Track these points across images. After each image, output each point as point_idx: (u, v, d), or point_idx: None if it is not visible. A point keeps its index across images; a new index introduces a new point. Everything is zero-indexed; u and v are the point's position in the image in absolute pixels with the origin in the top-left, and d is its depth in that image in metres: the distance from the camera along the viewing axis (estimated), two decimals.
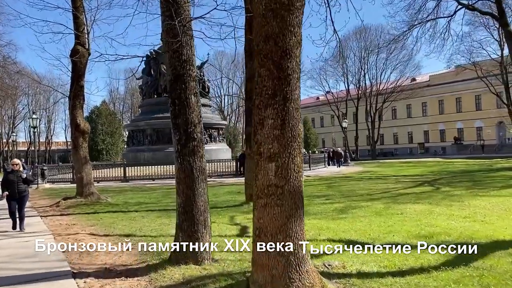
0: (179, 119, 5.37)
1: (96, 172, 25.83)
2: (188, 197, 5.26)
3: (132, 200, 14.27)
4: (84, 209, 11.95)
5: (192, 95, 5.45)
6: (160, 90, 35.33)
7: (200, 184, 5.35)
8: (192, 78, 5.52)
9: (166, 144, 33.46)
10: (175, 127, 5.39)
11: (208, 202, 5.48)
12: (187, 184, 5.28)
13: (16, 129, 75.42)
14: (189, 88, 5.44)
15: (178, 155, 5.35)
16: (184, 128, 5.35)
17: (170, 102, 5.44)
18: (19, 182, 9.02)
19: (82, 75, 13.80)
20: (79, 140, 13.38)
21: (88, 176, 13.49)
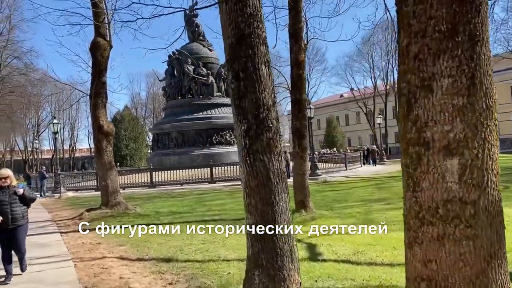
0: (246, 100, 3.65)
1: (121, 178, 24.45)
2: (265, 216, 3.53)
3: (163, 209, 12.67)
4: (111, 222, 10.39)
5: (262, 64, 3.73)
6: (184, 91, 33.95)
7: (281, 196, 3.62)
8: (261, 40, 3.80)
9: (192, 147, 32.08)
10: (240, 112, 3.68)
11: (290, 220, 3.72)
12: (261, 196, 3.55)
13: (40, 137, 75.68)
14: (258, 55, 3.72)
15: (245, 153, 3.63)
16: (254, 113, 3.63)
17: (232, 77, 3.73)
18: (13, 203, 5.79)
19: (103, 70, 12.30)
20: (103, 143, 11.85)
21: (114, 184, 11.95)
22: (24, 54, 49.79)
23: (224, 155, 30.87)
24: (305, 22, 10.61)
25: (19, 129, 65.14)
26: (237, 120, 3.71)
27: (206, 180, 24.44)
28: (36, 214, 13.85)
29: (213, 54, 35.79)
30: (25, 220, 6.12)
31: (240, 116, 3.69)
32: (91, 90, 12.22)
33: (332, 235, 7.62)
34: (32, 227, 10.28)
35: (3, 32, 50.94)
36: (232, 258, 6.01)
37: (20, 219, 5.93)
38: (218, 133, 32.28)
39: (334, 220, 9.42)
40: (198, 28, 35.68)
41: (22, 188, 6.00)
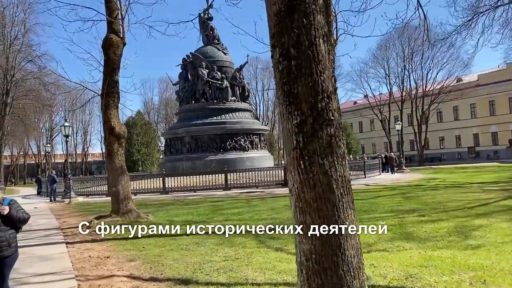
0: (299, 85, 2.76)
1: (132, 183, 23.73)
2: (326, 243, 2.60)
3: (178, 217, 11.80)
4: (121, 231, 9.55)
5: (320, 38, 2.84)
6: (198, 95, 33.26)
7: (347, 214, 2.69)
8: (318, 7, 2.92)
9: (205, 152, 31.32)
10: (290, 101, 2.78)
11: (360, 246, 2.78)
12: (322, 213, 2.64)
13: (54, 141, 75.85)
14: (315, 26, 2.83)
15: (298, 155, 2.73)
16: (310, 102, 2.73)
17: (280, 55, 2.84)
18: None
19: (116, 68, 11.55)
20: (114, 146, 11.06)
21: (125, 190, 11.13)
22: (38, 58, 49.84)
23: (238, 161, 30.04)
24: (335, 16, 9.71)
25: (33, 133, 65.14)
26: (286, 111, 2.82)
27: (220, 186, 23.57)
28: (43, 220, 13.12)
29: (228, 58, 35.10)
30: (13, 249, 4.35)
31: (290, 106, 2.79)
32: (103, 90, 11.47)
33: (372, 253, 6.65)
34: (37, 236, 9.50)
35: (17, 36, 51.14)
36: (262, 282, 5.09)
37: (4, 248, 4.23)
38: (232, 138, 31.49)
39: (368, 234, 8.43)
40: (212, 32, 35.07)
41: (9, 204, 4.31)
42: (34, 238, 9.19)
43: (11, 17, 50.34)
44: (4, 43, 50.45)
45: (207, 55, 33.71)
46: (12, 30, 50.69)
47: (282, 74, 2.87)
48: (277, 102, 48.37)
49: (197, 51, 34.17)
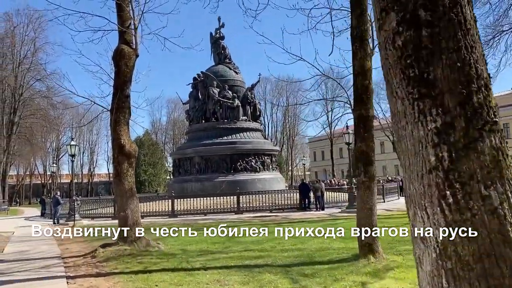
0: (437, 67, 1.71)
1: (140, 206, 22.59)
2: None
3: (191, 246, 10.63)
4: (129, 263, 8.41)
5: None
6: (209, 114, 32.39)
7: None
8: None
9: (215, 173, 30.22)
10: (422, 92, 1.72)
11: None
12: (492, 280, 1.54)
13: (60, 161, 75.20)
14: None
15: (440, 180, 1.64)
16: (459, 94, 1.68)
17: (400, 22, 1.79)
18: None
19: (127, 81, 10.62)
20: (123, 166, 10.02)
21: (135, 215, 10.04)
22: (47, 77, 49.59)
23: (249, 183, 28.88)
24: (370, 24, 8.77)
25: (39, 152, 64.49)
26: (414, 109, 1.75)
27: (232, 210, 22.37)
28: (44, 247, 12.01)
29: (239, 77, 34.38)
30: None
31: (422, 101, 1.72)
32: (113, 104, 10.51)
33: None
34: (35, 267, 8.38)
35: (27, 55, 51.04)
36: None
37: None
38: (243, 159, 30.41)
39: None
40: (224, 51, 34.47)
41: None
42: (31, 270, 8.07)
43: (21, 36, 50.39)
44: (14, 62, 50.35)
45: (218, 74, 33.00)
46: (22, 49, 50.67)
47: (404, 50, 1.80)
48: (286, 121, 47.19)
49: (208, 70, 33.50)
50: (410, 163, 1.82)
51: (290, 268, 7.69)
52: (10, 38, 49.51)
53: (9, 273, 7.93)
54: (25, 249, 11.66)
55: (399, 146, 1.92)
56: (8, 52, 50.24)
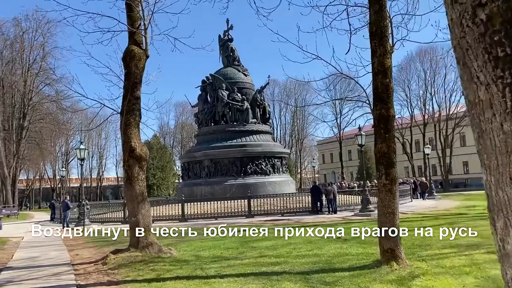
0: None
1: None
2: None
3: (204, 252, 10.32)
4: (141, 270, 8.11)
5: None
6: (218, 117, 32.12)
7: None
8: None
9: (225, 176, 29.92)
10: None
11: None
12: None
13: (69, 165, 75.44)
14: None
15: None
16: None
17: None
18: None
19: (138, 83, 10.36)
20: (134, 169, 9.74)
21: (146, 220, 9.75)
22: (56, 81, 49.78)
23: (259, 186, 28.54)
24: (390, 19, 8.42)
25: (48, 157, 64.68)
26: (506, 96, 1.42)
27: (243, 214, 22.04)
28: (53, 253, 11.77)
29: (248, 79, 34.11)
30: None
31: None
32: (123, 107, 10.26)
33: None
34: (44, 275, 8.11)
35: (36, 60, 51.25)
36: None
37: None
38: (253, 162, 30.09)
39: (444, 279, 6.85)
40: (233, 53, 34.24)
41: None
42: (40, 278, 7.81)
43: (30, 41, 50.61)
44: (23, 67, 50.58)
45: (227, 76, 32.76)
46: (31, 53, 50.88)
47: (489, 25, 1.47)
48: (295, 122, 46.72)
49: (217, 72, 33.28)
50: (498, 164, 1.49)
51: (310, 275, 7.34)
52: (20, 43, 49.78)
53: (18, 281, 7.67)
54: (35, 255, 11.42)
55: (480, 144, 1.59)
56: (17, 57, 50.52)
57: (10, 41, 49.49)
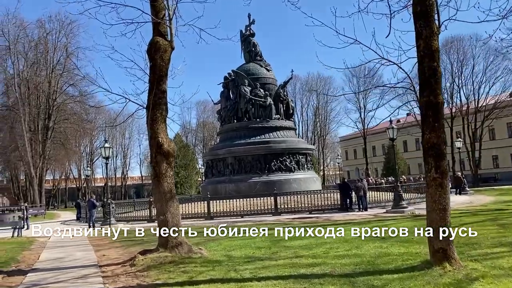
0: None
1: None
2: None
3: (236, 251, 9.81)
4: (172, 272, 7.65)
5: None
6: (240, 114, 31.62)
7: None
8: None
9: (249, 173, 29.40)
10: None
11: None
12: None
13: (94, 165, 76.44)
14: None
15: None
16: None
17: None
18: None
19: (163, 76, 9.92)
20: (162, 166, 9.30)
21: (175, 219, 9.30)
22: (79, 81, 50.22)
23: (284, 183, 27.92)
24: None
25: (73, 157, 65.57)
26: None
27: (269, 211, 21.50)
28: (80, 253, 11.48)
29: (271, 74, 33.48)
30: None
31: None
32: (149, 101, 9.83)
33: None
34: (71, 277, 7.74)
35: (60, 60, 51.86)
36: None
37: None
38: (277, 158, 29.49)
39: (509, 282, 6.13)
40: (255, 48, 33.65)
41: None
42: (67, 281, 7.43)
43: (54, 42, 51.23)
44: (47, 68, 51.27)
45: (250, 72, 32.22)
46: (55, 55, 51.54)
47: None
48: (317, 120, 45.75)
49: (239, 68, 32.78)
50: None
51: (354, 278, 6.74)
52: (43, 44, 50.45)
53: (44, 284, 7.32)
54: (61, 255, 11.15)
55: None
56: (41, 58, 51.25)
57: (34, 42, 50.21)
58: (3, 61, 48.67)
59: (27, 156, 46.98)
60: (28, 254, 11.89)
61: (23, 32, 48.69)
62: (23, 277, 8.23)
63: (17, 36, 47.97)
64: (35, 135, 49.90)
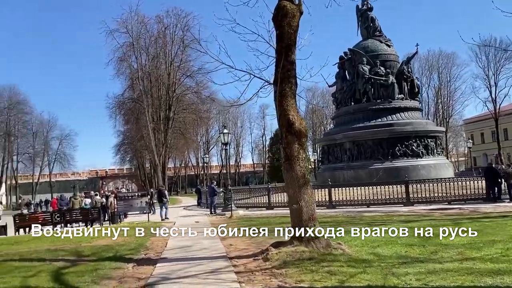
0: None
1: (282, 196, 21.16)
2: None
3: (382, 249, 8.21)
4: (315, 272, 6.38)
5: None
6: (358, 95, 29.42)
7: None
8: None
9: (370, 159, 27.23)
10: None
11: None
12: None
13: (210, 154, 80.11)
14: None
15: None
16: None
17: None
18: None
19: (292, 45, 8.65)
20: (294, 147, 8.10)
21: (310, 208, 8.05)
22: (195, 73, 52.23)
23: (410, 170, 25.14)
24: None
25: (192, 145, 69.16)
26: None
27: (398, 201, 19.25)
28: (206, 241, 10.91)
29: (392, 50, 30.55)
30: None
31: None
32: (276, 75, 8.66)
33: None
34: (201, 271, 6.93)
35: (177, 53, 54.46)
36: None
37: None
38: (402, 142, 26.78)
39: None
40: (373, 23, 30.98)
41: None
42: (198, 276, 6.63)
43: (171, 36, 53.88)
44: (166, 61, 54.21)
45: (368, 49, 29.75)
46: (172, 48, 54.24)
47: None
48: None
49: (356, 46, 30.49)
50: None
51: None
52: (162, 38, 53.35)
53: (174, 278, 6.62)
54: (187, 243, 10.69)
55: None
56: (161, 52, 54.31)
57: (154, 37, 53.37)
58: (128, 57, 52.65)
59: (151, 145, 50.39)
60: (156, 241, 11.72)
61: (144, 28, 52.06)
62: (152, 267, 7.71)
63: (139, 32, 51.46)
64: (158, 125, 53.33)
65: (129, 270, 7.71)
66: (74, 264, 8.43)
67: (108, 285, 6.55)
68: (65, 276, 7.25)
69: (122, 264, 8.23)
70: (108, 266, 7.98)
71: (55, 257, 9.37)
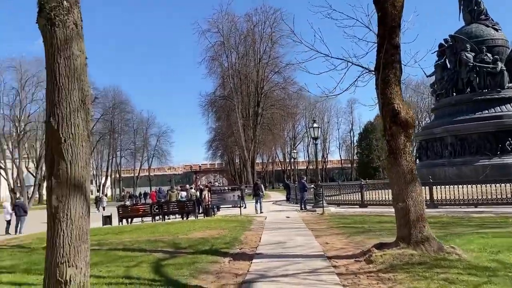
0: None
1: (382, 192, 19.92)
2: None
3: (504, 255, 7.14)
4: (429, 279, 5.64)
5: None
6: (461, 85, 26.94)
7: None
8: None
9: (475, 155, 24.79)
10: None
11: None
12: None
13: (296, 149, 79.87)
14: None
15: None
16: None
17: None
18: None
19: (396, 27, 7.89)
20: (400, 139, 7.37)
21: (419, 207, 7.27)
22: (283, 69, 52.20)
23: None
24: None
25: (279, 141, 69.48)
26: None
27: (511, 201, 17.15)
28: (300, 238, 10.53)
29: (501, 35, 27.47)
30: None
31: None
32: (378, 60, 7.96)
33: None
34: (299, 270, 6.55)
35: (265, 50, 54.88)
36: None
37: None
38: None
39: None
40: (478, 6, 28.11)
41: None
42: (296, 276, 6.26)
43: (260, 33, 54.44)
44: (255, 59, 54.93)
45: (472, 35, 27.08)
46: (261, 45, 54.78)
47: None
48: None
49: (458, 32, 27.94)
50: None
51: None
52: (251, 36, 54.12)
53: (272, 276, 6.33)
54: (281, 239, 10.42)
55: None
56: (250, 50, 55.15)
57: (243, 35, 54.34)
58: (219, 56, 54.32)
59: (241, 141, 51.50)
60: (250, 235, 11.63)
61: (234, 27, 53.31)
62: (248, 263, 7.53)
63: (229, 31, 52.83)
64: (247, 121, 54.35)
65: (225, 264, 7.62)
66: (173, 256, 8.57)
67: (206, 279, 6.46)
68: (164, 268, 7.35)
69: (218, 258, 8.18)
70: (205, 259, 7.97)
71: (154, 248, 9.66)
